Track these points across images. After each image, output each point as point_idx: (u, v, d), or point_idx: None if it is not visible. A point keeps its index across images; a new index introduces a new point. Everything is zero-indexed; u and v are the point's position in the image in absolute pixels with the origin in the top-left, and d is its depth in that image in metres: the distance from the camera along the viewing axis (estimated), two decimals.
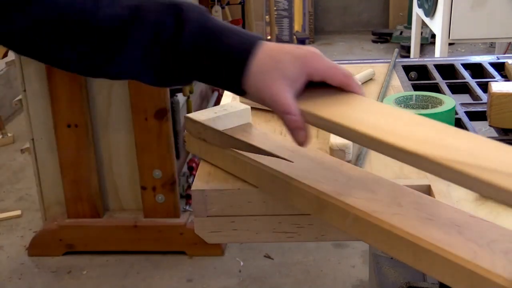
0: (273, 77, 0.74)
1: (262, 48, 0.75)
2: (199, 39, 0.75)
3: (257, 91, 0.75)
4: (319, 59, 0.76)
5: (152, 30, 0.75)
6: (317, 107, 0.75)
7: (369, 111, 0.74)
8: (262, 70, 0.74)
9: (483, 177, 0.57)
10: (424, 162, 0.63)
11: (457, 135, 0.66)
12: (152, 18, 0.75)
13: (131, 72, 0.78)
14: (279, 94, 0.74)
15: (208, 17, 0.76)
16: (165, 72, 0.77)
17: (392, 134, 0.67)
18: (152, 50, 0.76)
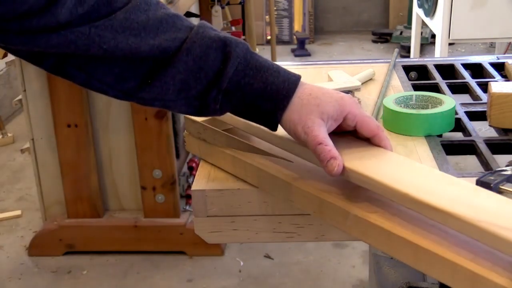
0: (310, 111, 0.76)
1: (302, 87, 0.78)
2: (242, 77, 0.77)
3: (292, 125, 0.77)
4: (356, 106, 0.79)
5: (195, 63, 0.76)
6: (351, 161, 0.75)
7: (401, 167, 0.74)
8: (301, 105, 0.77)
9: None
10: (455, 221, 0.63)
11: (487, 196, 0.67)
12: (198, 52, 0.76)
13: (164, 101, 0.79)
14: (313, 126, 0.76)
15: (252, 54, 0.78)
16: (203, 104, 0.78)
17: (425, 192, 0.67)
18: (192, 82, 0.76)
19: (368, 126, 0.79)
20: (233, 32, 3.09)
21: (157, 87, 0.77)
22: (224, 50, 0.76)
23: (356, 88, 1.10)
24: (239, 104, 0.78)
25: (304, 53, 4.94)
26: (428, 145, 0.94)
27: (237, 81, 0.76)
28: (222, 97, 0.77)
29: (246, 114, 0.80)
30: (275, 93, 0.77)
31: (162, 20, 0.77)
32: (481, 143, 0.96)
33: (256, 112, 0.79)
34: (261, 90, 0.77)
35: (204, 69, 0.76)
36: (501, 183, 0.76)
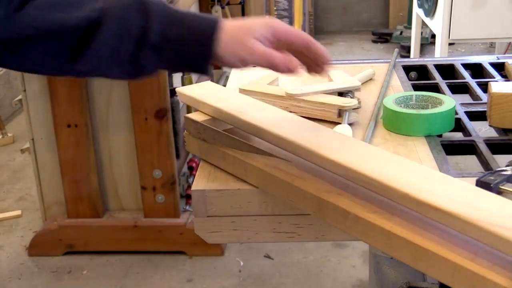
0: (244, 36, 0.81)
1: (227, 21, 0.82)
2: (167, 28, 0.79)
3: (233, 53, 0.81)
4: (282, 23, 0.84)
5: (120, 27, 0.78)
6: (352, 162, 0.76)
7: (401, 167, 0.74)
8: (233, 35, 0.81)
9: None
10: (455, 221, 0.63)
11: (487, 197, 0.67)
12: (118, 16, 0.78)
13: (100, 69, 0.82)
14: (255, 47, 0.80)
15: (168, 6, 0.82)
16: (135, 65, 0.81)
17: (426, 192, 0.67)
18: (121, 46, 0.79)
19: (300, 36, 0.83)
20: None
21: (90, 57, 0.79)
22: (142, 8, 0.79)
23: (356, 88, 1.10)
24: (172, 57, 0.81)
25: None
26: (428, 145, 0.94)
27: (165, 34, 0.79)
28: (153, 54, 0.79)
29: (180, 65, 0.83)
30: (203, 34, 0.80)
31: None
32: (481, 143, 0.96)
33: (189, 60, 0.81)
34: (189, 35, 0.80)
35: (129, 29, 0.78)
36: (501, 183, 0.76)
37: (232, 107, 0.92)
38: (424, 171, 0.73)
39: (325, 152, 0.78)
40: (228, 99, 0.96)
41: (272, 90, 1.10)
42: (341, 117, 1.01)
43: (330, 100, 1.04)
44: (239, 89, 1.12)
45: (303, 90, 1.06)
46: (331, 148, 0.79)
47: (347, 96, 1.08)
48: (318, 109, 1.04)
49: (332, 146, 0.79)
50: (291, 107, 1.06)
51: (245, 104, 0.95)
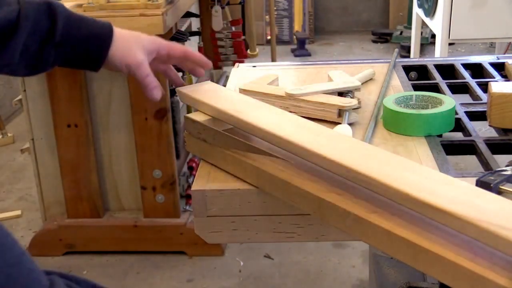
0: (133, 46, 0.96)
1: (117, 29, 0.97)
2: (69, 28, 0.92)
3: (123, 59, 0.95)
4: (163, 40, 1.02)
5: (32, 28, 0.89)
6: (353, 162, 0.75)
7: (401, 168, 0.74)
8: (127, 42, 0.96)
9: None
10: (455, 221, 0.63)
11: (487, 197, 0.67)
12: (32, 18, 0.90)
13: (11, 65, 0.91)
14: (142, 60, 0.96)
15: (70, 10, 0.95)
16: (37, 61, 0.92)
17: (426, 192, 0.67)
18: (30, 43, 0.90)
19: (177, 49, 1.01)
20: (233, 32, 3.09)
21: (6, 54, 0.89)
22: (50, 11, 0.91)
23: (356, 88, 1.10)
24: (70, 53, 0.94)
25: (304, 53, 4.94)
26: (428, 145, 0.94)
27: (67, 34, 0.92)
28: (55, 50, 0.92)
29: (75, 62, 0.96)
30: (99, 36, 0.94)
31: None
32: (481, 143, 0.96)
33: (84, 58, 0.95)
34: (87, 36, 0.94)
35: (38, 29, 0.90)
36: (501, 183, 0.76)
37: (232, 107, 0.92)
38: (424, 171, 0.73)
39: (325, 152, 0.78)
40: (228, 99, 0.96)
41: (272, 90, 1.10)
42: (341, 117, 1.01)
43: (330, 100, 1.04)
44: (239, 89, 1.12)
45: (303, 90, 1.06)
46: (332, 148, 0.79)
47: (347, 96, 1.08)
48: (318, 109, 1.04)
49: (332, 146, 0.79)
50: (291, 107, 1.06)
51: (245, 104, 0.95)
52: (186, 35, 2.30)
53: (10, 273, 0.50)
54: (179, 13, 2.20)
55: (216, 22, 2.96)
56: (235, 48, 3.08)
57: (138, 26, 1.94)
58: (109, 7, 2.03)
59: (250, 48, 3.35)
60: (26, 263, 0.52)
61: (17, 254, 0.52)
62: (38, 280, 0.53)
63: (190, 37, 2.63)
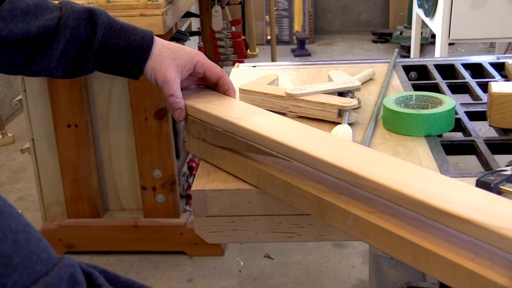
0: (168, 64, 0.95)
1: (158, 41, 0.97)
2: (109, 38, 0.93)
3: (153, 73, 0.95)
4: (204, 57, 0.99)
5: (71, 35, 0.91)
6: (362, 168, 0.74)
7: (413, 174, 0.72)
8: (160, 57, 0.95)
9: None
10: (474, 229, 0.62)
11: (505, 203, 0.65)
12: (71, 26, 0.91)
13: (47, 70, 0.93)
14: (170, 78, 0.95)
15: (113, 18, 0.95)
16: (75, 65, 0.93)
17: (441, 199, 0.66)
18: (69, 50, 0.91)
19: (214, 70, 0.99)
20: (233, 32, 3.09)
21: (44, 60, 0.91)
22: (92, 18, 0.92)
23: (356, 88, 1.10)
24: (109, 61, 0.95)
25: (304, 53, 4.94)
26: (428, 145, 0.94)
27: (106, 42, 0.93)
28: (93, 57, 0.93)
29: (114, 69, 0.96)
30: (137, 47, 0.94)
31: (38, 4, 0.90)
32: (481, 143, 0.96)
33: (122, 67, 0.95)
34: (126, 46, 0.94)
35: (78, 36, 0.91)
36: (501, 183, 0.76)
37: (230, 114, 0.91)
38: (436, 177, 0.72)
39: (330, 158, 0.76)
40: (226, 105, 0.95)
41: (272, 90, 1.10)
42: (341, 117, 1.01)
43: (330, 100, 1.04)
44: (239, 89, 1.12)
45: (303, 90, 1.06)
46: (336, 154, 0.77)
47: (347, 96, 1.08)
48: (318, 109, 1.03)
49: (336, 152, 0.78)
50: (291, 107, 1.06)
51: (243, 111, 0.94)
52: (186, 35, 2.30)
53: (17, 239, 0.47)
54: (179, 13, 2.20)
55: (216, 22, 2.96)
56: (235, 48, 3.08)
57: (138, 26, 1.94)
58: (109, 7, 2.03)
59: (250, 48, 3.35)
60: (34, 232, 0.49)
61: (24, 223, 0.49)
62: (47, 249, 0.49)
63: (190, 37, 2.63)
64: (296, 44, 5.04)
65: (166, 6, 2.03)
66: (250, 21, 3.37)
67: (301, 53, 4.94)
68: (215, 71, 0.99)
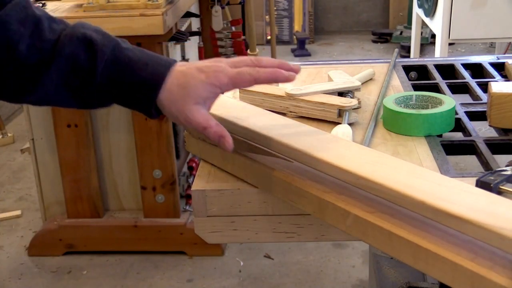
0: (184, 102, 0.80)
1: (170, 78, 0.81)
2: (112, 72, 0.81)
3: (171, 116, 0.82)
4: (222, 75, 0.81)
5: (68, 63, 0.80)
6: (362, 169, 0.74)
7: (413, 174, 0.72)
8: (171, 97, 0.81)
9: None
10: (475, 229, 0.61)
11: (505, 203, 0.65)
12: (67, 51, 0.80)
13: (51, 101, 0.84)
14: (192, 115, 0.80)
15: (120, 50, 0.82)
16: (84, 99, 0.84)
17: (442, 200, 0.66)
18: (70, 80, 0.81)
19: (242, 82, 0.82)
20: (233, 32, 3.09)
21: (40, 91, 0.81)
22: (91, 49, 0.81)
23: (356, 88, 1.10)
24: (118, 97, 0.84)
25: (304, 53, 4.94)
26: (428, 145, 0.94)
27: (108, 76, 0.81)
28: (98, 93, 0.82)
29: (127, 104, 0.85)
30: (143, 86, 0.81)
31: (41, 18, 0.82)
32: (481, 143, 0.96)
33: (133, 104, 0.84)
34: (131, 83, 0.81)
35: (76, 68, 0.80)
36: (501, 183, 0.76)
37: (230, 114, 0.91)
38: (436, 177, 0.72)
39: (330, 158, 0.76)
40: (226, 105, 0.95)
41: (272, 90, 1.10)
42: (341, 117, 1.01)
43: (330, 100, 1.04)
44: (239, 89, 1.11)
45: (303, 90, 1.06)
46: (336, 154, 0.78)
47: (347, 96, 1.08)
48: (318, 109, 1.04)
49: (336, 152, 0.78)
50: (291, 107, 1.06)
51: (243, 111, 0.94)
52: (186, 35, 2.30)
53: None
54: (179, 13, 2.20)
55: (216, 22, 2.96)
56: (235, 48, 3.08)
57: (138, 26, 1.94)
58: (109, 7, 2.02)
59: (250, 48, 3.35)
60: None
61: None
62: None
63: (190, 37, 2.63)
64: (296, 44, 5.04)
65: (166, 6, 2.03)
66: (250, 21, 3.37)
67: (301, 53, 4.94)
68: (243, 82, 0.82)
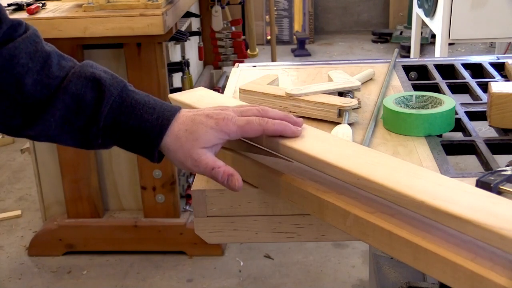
0: (191, 147, 0.80)
1: (177, 123, 0.81)
2: (117, 114, 0.80)
3: (177, 160, 0.81)
4: (231, 123, 0.81)
5: (73, 100, 0.79)
6: (362, 169, 0.74)
7: (413, 174, 0.72)
8: (178, 142, 0.80)
9: None
10: (475, 229, 0.61)
11: (506, 204, 0.65)
12: (73, 90, 0.79)
13: (50, 136, 0.82)
14: (199, 158, 0.79)
15: (127, 92, 0.82)
16: (86, 139, 0.82)
17: (442, 200, 0.65)
18: (73, 118, 0.80)
19: (251, 131, 0.81)
20: (233, 32, 3.09)
21: (40, 125, 0.80)
22: (98, 89, 0.80)
23: (356, 88, 1.10)
24: (121, 139, 0.82)
25: (304, 53, 4.94)
26: (428, 145, 0.94)
27: (113, 118, 0.80)
28: (102, 133, 0.81)
29: (130, 148, 0.83)
30: (149, 130, 0.80)
31: (51, 54, 0.81)
32: (481, 143, 0.96)
33: (136, 148, 0.82)
34: (136, 127, 0.80)
35: (81, 107, 0.80)
36: (501, 183, 0.76)
37: None
38: (436, 177, 0.71)
39: (330, 159, 0.76)
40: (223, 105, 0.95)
41: (272, 90, 1.10)
42: (341, 117, 1.01)
43: (330, 100, 1.04)
44: (239, 89, 1.12)
45: (303, 90, 1.06)
46: (336, 154, 0.78)
47: (347, 96, 1.08)
48: (318, 109, 1.03)
49: (336, 152, 0.78)
50: (291, 107, 1.06)
51: None
52: (186, 35, 2.30)
53: None
54: (179, 13, 2.20)
55: (216, 22, 2.96)
56: (235, 48, 3.08)
57: (138, 26, 1.94)
58: (109, 7, 2.02)
59: (250, 48, 3.36)
60: None
61: None
62: None
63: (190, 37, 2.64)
64: (296, 44, 5.04)
65: (166, 6, 2.03)
66: (250, 21, 3.37)
67: (301, 53, 4.94)
68: (253, 131, 0.82)
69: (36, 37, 0.82)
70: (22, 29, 0.82)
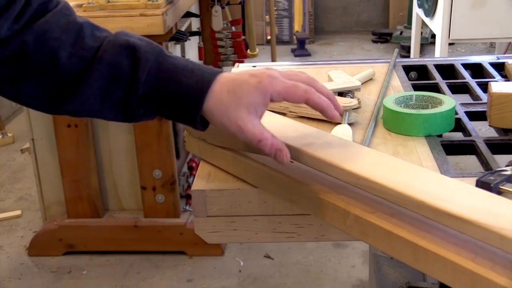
0: (235, 109, 0.76)
1: (218, 84, 0.77)
2: (156, 80, 0.77)
3: (222, 125, 0.77)
4: (276, 82, 0.77)
5: (109, 70, 0.77)
6: (363, 170, 0.73)
7: (413, 174, 0.72)
8: (221, 105, 0.76)
9: None
10: (475, 229, 0.61)
11: (506, 203, 0.64)
12: (108, 59, 0.77)
13: (89, 111, 0.80)
14: (246, 126, 0.76)
15: (164, 57, 0.78)
16: (127, 109, 0.79)
17: (442, 200, 0.65)
18: (111, 88, 0.78)
19: (295, 96, 0.77)
20: (233, 32, 3.09)
21: (79, 98, 0.78)
22: (134, 56, 0.77)
23: (356, 88, 1.10)
24: (162, 107, 0.79)
25: (304, 53, 4.94)
26: (428, 145, 0.94)
27: (152, 85, 0.77)
28: (142, 102, 0.78)
29: (173, 116, 0.80)
30: (188, 94, 0.77)
31: (83, 26, 0.80)
32: (481, 143, 0.96)
33: (178, 115, 0.79)
34: (175, 92, 0.77)
35: (118, 76, 0.77)
36: (501, 183, 0.76)
37: None
38: (436, 177, 0.71)
39: (331, 159, 0.76)
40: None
41: None
42: (341, 117, 1.01)
43: None
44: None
45: None
46: (338, 155, 0.77)
47: (347, 96, 1.08)
48: None
49: (337, 152, 0.78)
50: (291, 107, 1.06)
51: None
52: (186, 35, 2.30)
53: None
54: (179, 13, 2.20)
55: (216, 22, 2.96)
56: (235, 48, 3.08)
57: (138, 26, 1.94)
58: (109, 7, 2.03)
59: (250, 48, 3.35)
60: None
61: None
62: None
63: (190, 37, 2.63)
64: (296, 44, 5.04)
65: (166, 6, 2.03)
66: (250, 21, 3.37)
67: (301, 53, 4.94)
68: (296, 96, 0.78)
69: (67, 9, 0.81)
70: (53, 4, 0.80)
